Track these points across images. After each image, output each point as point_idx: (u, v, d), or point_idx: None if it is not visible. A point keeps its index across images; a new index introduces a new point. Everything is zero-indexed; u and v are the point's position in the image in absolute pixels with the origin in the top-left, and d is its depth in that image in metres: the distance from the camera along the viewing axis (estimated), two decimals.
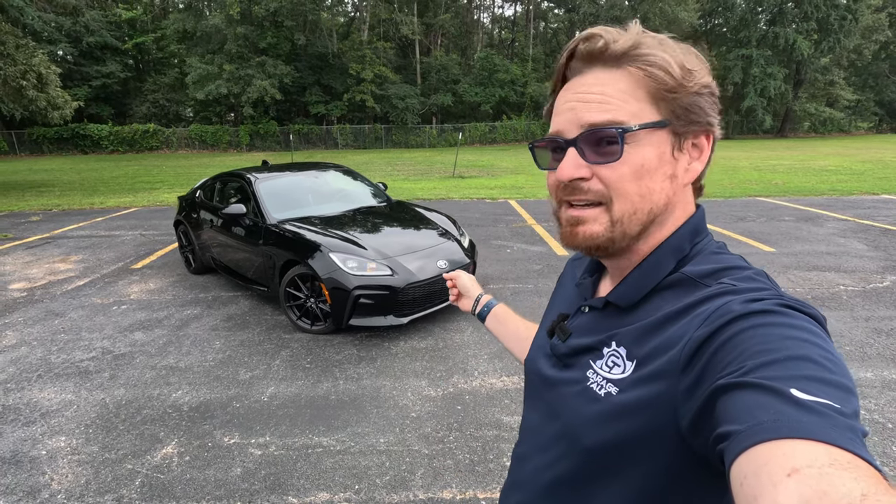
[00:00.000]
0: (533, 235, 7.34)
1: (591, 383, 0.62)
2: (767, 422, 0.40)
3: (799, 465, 0.36)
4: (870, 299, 4.56)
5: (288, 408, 3.05)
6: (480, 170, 16.97)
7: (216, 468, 2.52)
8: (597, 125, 0.58)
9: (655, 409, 0.54)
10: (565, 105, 0.62)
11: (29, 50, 13.56)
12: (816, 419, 0.39)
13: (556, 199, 0.66)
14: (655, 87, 0.58)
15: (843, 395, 0.41)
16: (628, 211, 0.60)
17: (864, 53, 36.30)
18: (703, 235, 0.65)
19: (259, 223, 4.59)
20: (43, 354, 3.81)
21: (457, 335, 4.00)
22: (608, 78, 0.59)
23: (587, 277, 0.76)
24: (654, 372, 0.55)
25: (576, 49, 0.62)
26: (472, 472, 2.48)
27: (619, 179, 0.59)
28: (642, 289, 0.63)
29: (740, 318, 0.49)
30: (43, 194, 12.63)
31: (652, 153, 0.59)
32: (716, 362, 0.48)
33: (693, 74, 0.58)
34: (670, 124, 0.59)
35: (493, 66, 33.20)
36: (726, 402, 0.44)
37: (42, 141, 28.30)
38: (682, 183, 0.63)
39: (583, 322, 0.70)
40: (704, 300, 0.55)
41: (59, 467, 2.55)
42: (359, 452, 2.63)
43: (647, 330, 0.59)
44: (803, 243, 6.57)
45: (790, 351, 0.44)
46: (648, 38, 0.59)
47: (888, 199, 9.95)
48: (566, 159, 0.61)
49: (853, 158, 18.46)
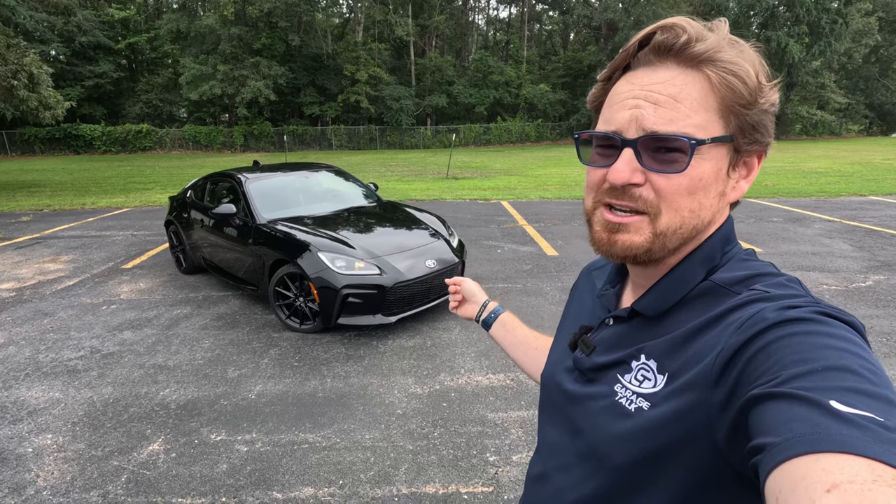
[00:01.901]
0: (524, 236, 7.39)
1: (620, 398, 0.59)
2: (805, 434, 0.37)
3: (839, 480, 0.34)
4: (852, 298, 4.64)
5: (275, 405, 3.07)
6: (474, 171, 17.03)
7: (202, 464, 2.55)
8: (665, 133, 0.54)
9: (690, 423, 0.51)
10: (628, 100, 0.56)
11: (20, 49, 13.48)
12: (858, 433, 0.36)
13: (593, 199, 0.61)
14: (731, 99, 0.54)
15: (886, 407, 0.39)
16: (675, 225, 0.56)
17: (854, 57, 36.67)
18: (733, 244, 0.62)
19: (249, 223, 4.61)
20: (31, 353, 3.82)
21: (445, 334, 4.04)
22: (683, 79, 0.54)
23: (609, 289, 0.73)
24: (686, 384, 0.52)
25: (651, 37, 0.56)
26: (455, 467, 2.51)
27: (674, 192, 0.55)
28: (671, 299, 0.60)
29: (775, 326, 0.47)
30: (34, 195, 12.57)
31: (711, 168, 0.55)
32: (749, 372, 0.46)
33: (764, 90, 0.54)
34: (734, 140, 0.55)
35: (487, 67, 33.30)
36: (761, 413, 0.42)
37: (34, 141, 28.10)
38: (728, 201, 0.60)
39: (608, 335, 0.66)
40: (736, 308, 0.53)
41: (45, 464, 2.57)
42: (344, 448, 2.66)
43: (678, 341, 0.56)
44: (790, 244, 6.66)
45: (828, 361, 0.42)
46: (730, 41, 0.54)
47: (875, 201, 10.09)
48: (621, 160, 0.56)
49: (843, 161, 18.67)
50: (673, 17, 0.55)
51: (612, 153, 0.58)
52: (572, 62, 35.30)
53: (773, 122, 0.57)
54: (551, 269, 5.69)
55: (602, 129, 0.59)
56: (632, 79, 0.57)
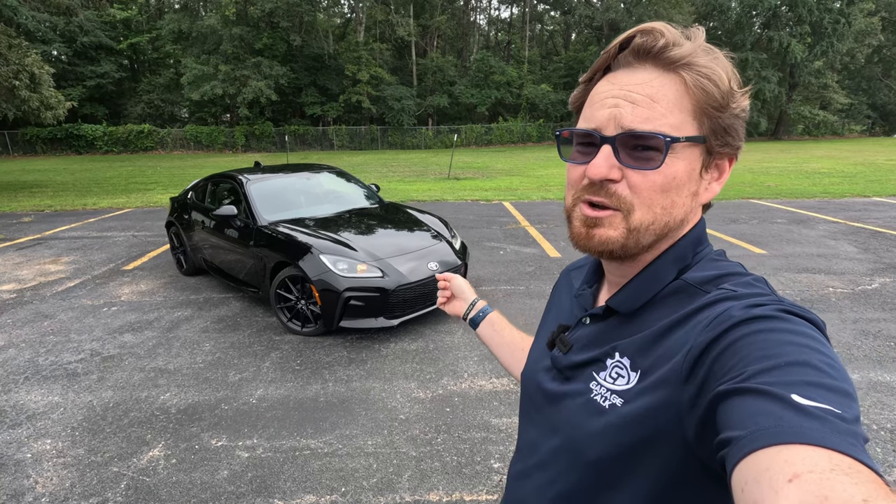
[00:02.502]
0: (526, 237, 7.36)
1: (595, 395, 0.61)
2: (768, 427, 0.39)
3: (800, 470, 0.36)
4: (858, 301, 4.60)
5: (276, 410, 3.04)
6: (476, 171, 16.99)
7: (203, 471, 2.52)
8: (642, 131, 0.56)
9: (661, 420, 0.53)
10: (608, 99, 0.59)
11: (22, 49, 13.48)
12: (818, 424, 0.38)
13: (573, 195, 0.63)
14: (704, 101, 0.56)
15: (844, 400, 0.41)
16: (647, 221, 0.59)
17: (856, 57, 36.55)
18: (705, 245, 0.65)
19: (250, 225, 4.58)
20: (31, 356, 3.79)
21: (447, 337, 4.00)
22: (660, 81, 0.57)
23: (586, 288, 0.75)
24: (658, 381, 0.54)
25: (631, 40, 0.58)
26: (459, 474, 2.48)
27: (649, 189, 0.58)
28: (643, 296, 0.62)
29: (741, 323, 0.49)
30: (35, 195, 12.56)
31: (684, 168, 0.58)
32: (717, 369, 0.48)
33: (736, 95, 0.58)
34: (707, 142, 0.58)
35: (488, 67, 33.25)
36: (727, 409, 0.44)
37: (35, 141, 28.11)
38: (700, 201, 0.62)
39: (584, 333, 0.68)
40: (705, 307, 0.55)
41: (43, 470, 2.54)
42: (346, 455, 2.63)
43: (650, 339, 0.58)
44: (794, 245, 6.61)
45: (791, 356, 0.44)
46: (704, 48, 0.58)
47: (879, 202, 10.03)
48: (599, 156, 0.58)
49: (846, 161, 18.59)
50: (653, 22, 0.59)
51: (591, 150, 0.60)
52: (574, 62, 35.22)
53: (744, 128, 0.60)
54: (554, 272, 5.65)
55: (583, 126, 0.62)
56: (612, 79, 0.60)
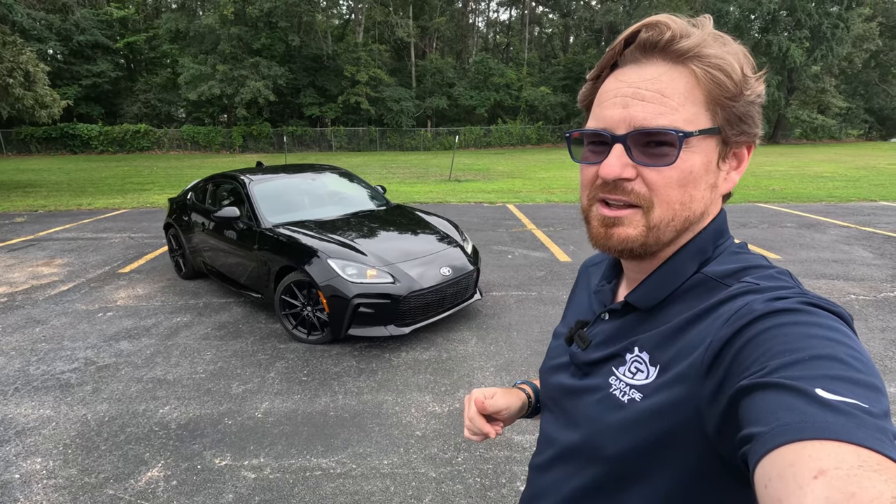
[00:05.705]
0: (534, 240, 7.19)
1: (614, 390, 0.60)
2: (792, 423, 0.38)
3: (826, 466, 0.34)
4: (883, 309, 4.45)
5: (284, 425, 2.85)
6: (477, 173, 16.84)
7: (206, 494, 2.32)
8: (653, 128, 0.54)
9: (680, 415, 0.52)
10: (616, 97, 0.57)
11: (16, 47, 13.23)
12: (843, 420, 0.37)
13: (588, 196, 0.62)
14: (716, 92, 0.55)
15: (871, 394, 0.39)
16: (667, 218, 0.57)
17: (854, 62, 36.68)
18: (726, 237, 0.63)
19: (253, 227, 4.38)
20: (21, 365, 3.58)
21: (461, 346, 3.82)
22: (669, 75, 0.55)
23: (605, 284, 0.73)
24: (677, 376, 0.53)
25: (636, 35, 0.56)
26: (484, 497, 2.30)
27: (665, 185, 0.56)
28: (663, 291, 0.61)
29: (763, 317, 0.47)
30: (29, 195, 12.30)
31: (700, 161, 0.56)
32: (738, 363, 0.46)
33: (750, 81, 0.55)
34: (721, 132, 0.56)
35: (488, 69, 33.17)
36: (749, 404, 0.42)
37: (30, 140, 27.72)
38: (720, 193, 0.61)
39: (603, 329, 0.67)
40: (726, 300, 0.53)
41: (32, 493, 2.34)
42: (361, 476, 2.44)
43: (670, 334, 0.57)
44: (808, 250, 6.47)
45: (815, 350, 0.42)
46: (713, 36, 0.56)
47: (887, 206, 9.93)
48: (612, 156, 0.57)
49: (847, 165, 18.56)
50: (657, 15, 0.56)
51: (603, 150, 0.59)
52: (573, 65, 35.17)
53: (761, 113, 0.58)
54: (566, 276, 5.48)
55: (592, 126, 0.60)
56: (619, 76, 0.58)
